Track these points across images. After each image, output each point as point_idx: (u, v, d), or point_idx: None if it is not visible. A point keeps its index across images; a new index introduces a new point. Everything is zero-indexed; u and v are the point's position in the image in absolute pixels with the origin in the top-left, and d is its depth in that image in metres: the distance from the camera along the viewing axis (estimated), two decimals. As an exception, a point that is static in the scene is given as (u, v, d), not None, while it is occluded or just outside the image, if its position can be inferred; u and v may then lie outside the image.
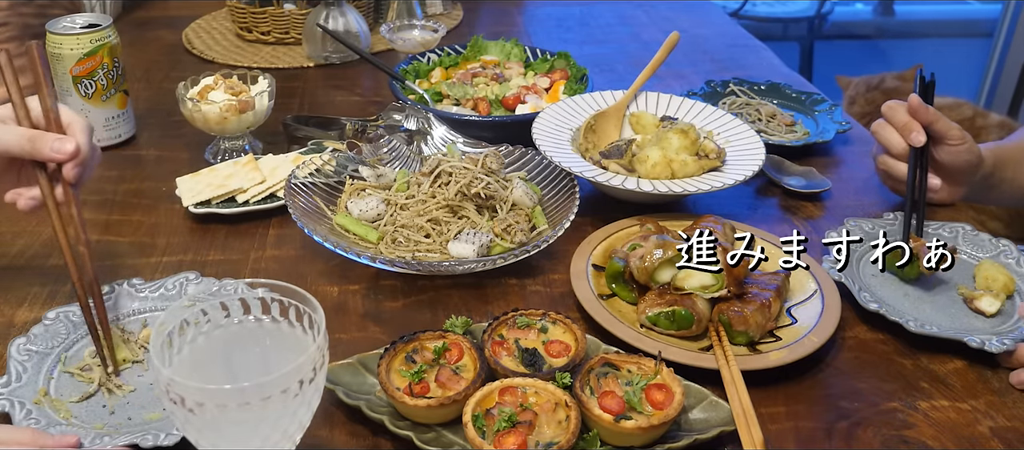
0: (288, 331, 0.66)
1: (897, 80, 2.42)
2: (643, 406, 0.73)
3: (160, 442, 0.69)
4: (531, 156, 1.12)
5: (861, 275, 0.98)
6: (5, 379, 0.77)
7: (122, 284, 0.89)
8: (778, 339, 0.86)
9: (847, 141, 1.36)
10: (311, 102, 1.48)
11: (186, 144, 1.29)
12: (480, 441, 0.68)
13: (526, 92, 1.35)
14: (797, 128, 1.35)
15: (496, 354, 0.78)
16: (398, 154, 1.16)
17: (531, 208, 1.05)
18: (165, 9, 1.98)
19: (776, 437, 0.77)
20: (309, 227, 0.94)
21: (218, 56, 1.67)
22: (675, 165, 1.09)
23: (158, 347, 0.61)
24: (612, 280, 0.92)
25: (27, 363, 0.79)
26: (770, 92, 1.46)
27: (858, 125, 1.47)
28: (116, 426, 0.74)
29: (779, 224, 1.12)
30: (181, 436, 0.69)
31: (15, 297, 0.93)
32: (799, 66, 3.71)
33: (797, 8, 3.84)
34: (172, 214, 1.10)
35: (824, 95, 1.45)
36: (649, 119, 1.22)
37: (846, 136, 1.36)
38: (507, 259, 0.93)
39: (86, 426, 0.73)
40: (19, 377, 0.78)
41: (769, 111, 1.38)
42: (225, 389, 0.57)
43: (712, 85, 1.46)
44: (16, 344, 0.81)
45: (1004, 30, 3.60)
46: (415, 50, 1.58)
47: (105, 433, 0.72)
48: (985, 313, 0.91)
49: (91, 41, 1.20)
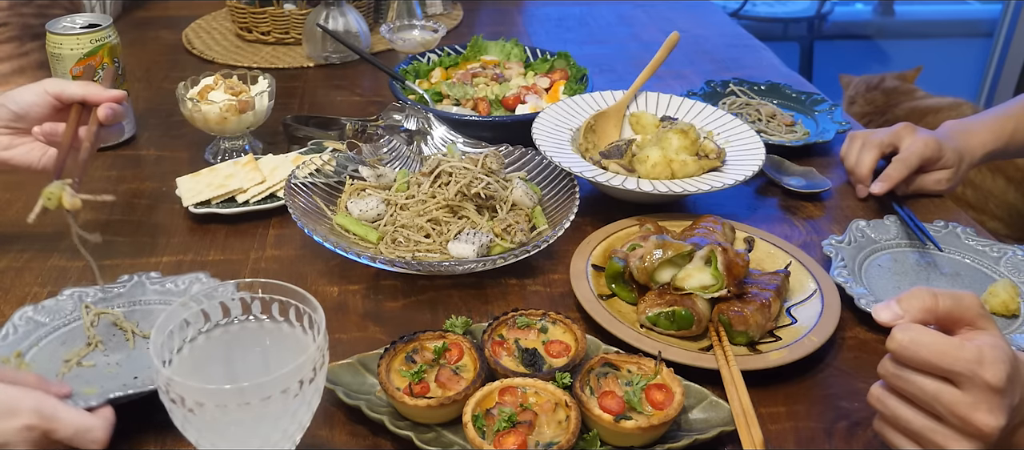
0: (288, 331, 0.66)
1: (897, 80, 2.42)
2: (643, 406, 0.73)
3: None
4: (531, 156, 1.12)
5: (862, 276, 0.98)
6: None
7: (141, 276, 0.91)
8: (778, 339, 0.86)
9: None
10: (311, 102, 1.48)
11: (186, 144, 1.29)
12: (480, 441, 0.68)
13: (526, 92, 1.35)
14: (797, 128, 1.35)
15: (496, 354, 0.78)
16: (398, 154, 1.16)
17: (531, 208, 1.05)
18: (165, 9, 1.98)
19: (776, 437, 0.77)
20: (309, 227, 0.94)
21: (218, 56, 1.67)
22: (675, 165, 1.09)
23: (158, 347, 0.61)
24: (612, 280, 0.92)
25: (20, 327, 0.82)
26: (770, 92, 1.46)
27: (858, 125, 1.47)
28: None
29: (779, 224, 1.12)
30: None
31: (15, 297, 0.93)
32: (799, 66, 3.70)
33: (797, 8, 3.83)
34: (172, 214, 1.10)
35: (824, 95, 1.45)
36: (649, 119, 1.22)
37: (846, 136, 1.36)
38: (507, 259, 0.93)
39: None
40: (5, 337, 0.81)
41: (769, 111, 1.38)
42: (225, 389, 0.57)
43: (712, 85, 1.46)
44: (22, 310, 0.84)
45: (1004, 30, 3.60)
46: (415, 50, 1.59)
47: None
48: None
49: (91, 41, 1.20)
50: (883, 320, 0.66)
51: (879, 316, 0.66)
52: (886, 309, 0.66)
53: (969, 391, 0.61)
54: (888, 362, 0.65)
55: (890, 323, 0.65)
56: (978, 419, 0.60)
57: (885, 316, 0.66)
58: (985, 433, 0.61)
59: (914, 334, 0.62)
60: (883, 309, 0.66)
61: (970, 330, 0.64)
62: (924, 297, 0.65)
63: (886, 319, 0.66)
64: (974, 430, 0.61)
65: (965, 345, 0.61)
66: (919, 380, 0.63)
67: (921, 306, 0.65)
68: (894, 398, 0.66)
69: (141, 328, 0.85)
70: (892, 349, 0.64)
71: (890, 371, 0.65)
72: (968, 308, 0.64)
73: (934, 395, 0.62)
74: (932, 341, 0.62)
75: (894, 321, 0.65)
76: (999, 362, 0.60)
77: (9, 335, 0.81)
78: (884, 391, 0.67)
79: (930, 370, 0.62)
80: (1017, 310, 0.92)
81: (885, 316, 0.66)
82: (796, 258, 0.97)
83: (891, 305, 0.66)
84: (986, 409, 0.60)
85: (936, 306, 0.64)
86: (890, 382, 0.66)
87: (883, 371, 0.66)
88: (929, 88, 2.39)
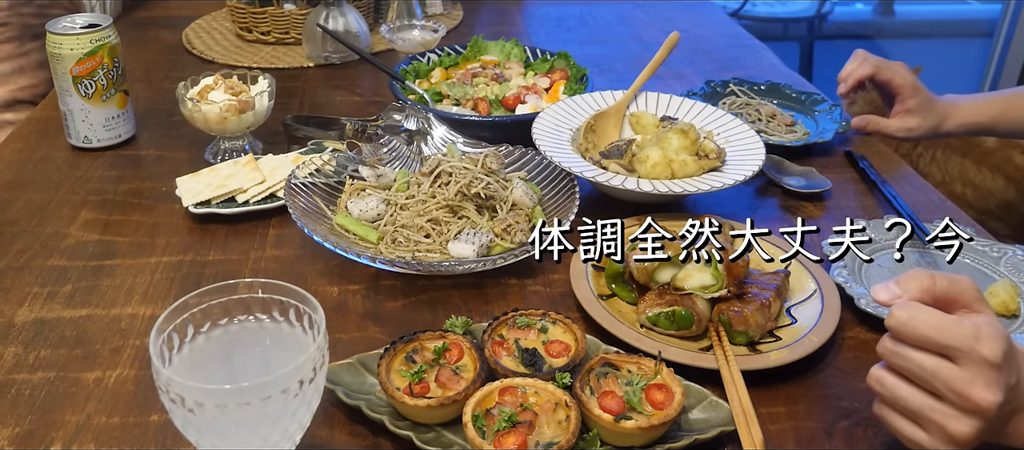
0: (288, 331, 0.66)
1: (897, 80, 2.41)
2: (643, 406, 0.73)
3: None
4: (531, 156, 1.12)
5: (862, 276, 0.98)
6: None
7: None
8: (778, 339, 0.86)
9: (848, 141, 1.36)
10: (311, 102, 1.48)
11: (186, 144, 1.29)
12: (480, 441, 0.68)
13: (526, 92, 1.35)
14: (797, 128, 1.35)
15: (496, 354, 0.78)
16: (398, 154, 1.16)
17: (531, 208, 1.05)
18: (165, 9, 1.98)
19: (776, 437, 0.77)
20: (309, 227, 0.94)
21: (218, 56, 1.67)
22: (675, 165, 1.09)
23: (158, 347, 0.61)
24: (612, 280, 0.92)
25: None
26: (770, 92, 1.46)
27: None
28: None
29: (779, 224, 1.12)
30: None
31: (15, 297, 0.93)
32: (799, 66, 3.70)
33: (797, 8, 3.83)
34: (172, 214, 1.10)
35: (824, 95, 1.45)
36: (649, 119, 1.22)
37: (847, 136, 1.36)
38: (507, 259, 0.93)
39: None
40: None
41: (769, 111, 1.38)
42: (225, 389, 0.57)
43: (712, 85, 1.46)
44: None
45: (1004, 30, 3.60)
46: (415, 50, 1.59)
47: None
48: None
49: (91, 41, 1.20)
50: (881, 299, 0.67)
51: (877, 296, 0.67)
52: (884, 289, 0.67)
53: (967, 367, 0.61)
54: (887, 340, 0.66)
55: (888, 302, 0.66)
56: (976, 394, 0.61)
57: (883, 296, 0.67)
58: (983, 408, 0.61)
59: (912, 311, 0.63)
60: (881, 289, 0.67)
61: (967, 312, 0.65)
62: (922, 278, 0.66)
63: (884, 298, 0.67)
64: (972, 406, 0.61)
65: (962, 321, 0.62)
66: (917, 356, 0.63)
67: (919, 286, 0.65)
68: (893, 377, 0.66)
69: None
70: (891, 326, 0.65)
71: (889, 349, 0.66)
72: (964, 290, 0.65)
73: (932, 371, 0.63)
74: (929, 317, 0.63)
75: (892, 300, 0.66)
76: (996, 338, 0.61)
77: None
78: (883, 371, 0.67)
79: (928, 346, 0.63)
80: (1017, 310, 0.92)
81: (883, 296, 0.67)
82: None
83: (889, 285, 0.67)
84: (983, 384, 0.61)
85: (933, 286, 0.65)
86: (889, 360, 0.66)
87: (882, 350, 0.67)
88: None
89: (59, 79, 1.21)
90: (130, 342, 0.86)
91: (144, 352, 0.85)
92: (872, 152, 1.33)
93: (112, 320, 0.90)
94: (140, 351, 0.85)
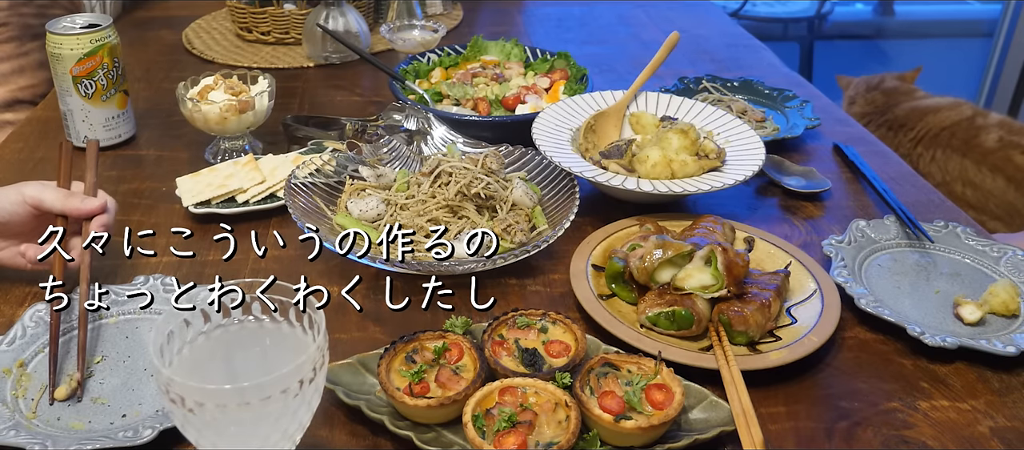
0: (288, 331, 0.66)
1: (897, 80, 2.42)
2: (643, 406, 0.73)
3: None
4: (531, 156, 1.12)
5: (862, 276, 0.98)
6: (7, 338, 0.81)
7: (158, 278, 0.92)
8: (778, 339, 0.86)
9: (848, 142, 1.36)
10: (311, 102, 1.48)
11: (186, 144, 1.29)
12: (480, 441, 0.68)
13: (526, 92, 1.35)
14: (768, 124, 1.36)
15: (496, 354, 0.78)
16: (398, 154, 1.16)
17: (531, 208, 1.05)
18: (165, 9, 1.98)
19: (776, 437, 0.77)
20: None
21: (218, 56, 1.67)
22: (675, 165, 1.09)
23: (158, 347, 0.61)
24: (612, 280, 0.92)
25: (29, 329, 0.83)
26: (743, 89, 1.47)
27: (859, 125, 1.47)
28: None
29: (779, 224, 1.12)
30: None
31: (15, 297, 0.93)
32: (799, 66, 3.70)
33: (797, 8, 3.84)
34: (172, 214, 1.10)
35: (796, 91, 1.45)
36: (649, 119, 1.22)
37: (847, 136, 1.36)
38: (507, 259, 0.93)
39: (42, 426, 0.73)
40: (12, 341, 0.81)
41: (740, 107, 1.38)
42: (225, 389, 0.57)
43: (685, 81, 1.47)
44: (34, 308, 0.85)
45: (1004, 30, 3.60)
46: (415, 50, 1.58)
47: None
48: (964, 320, 0.91)
49: (91, 41, 1.20)
50: None
51: None
52: None
53: None
54: None
55: None
56: None
57: None
58: None
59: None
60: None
61: None
62: None
63: None
64: None
65: None
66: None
67: None
68: None
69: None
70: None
71: None
72: None
73: None
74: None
75: None
76: None
77: (16, 339, 0.81)
78: None
79: None
80: (1017, 310, 0.92)
81: None
82: (796, 258, 0.97)
83: None
84: None
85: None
86: None
87: None
88: (929, 88, 2.40)
89: (59, 79, 1.21)
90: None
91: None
92: (872, 152, 1.32)
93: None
94: (140, 351, 0.85)
